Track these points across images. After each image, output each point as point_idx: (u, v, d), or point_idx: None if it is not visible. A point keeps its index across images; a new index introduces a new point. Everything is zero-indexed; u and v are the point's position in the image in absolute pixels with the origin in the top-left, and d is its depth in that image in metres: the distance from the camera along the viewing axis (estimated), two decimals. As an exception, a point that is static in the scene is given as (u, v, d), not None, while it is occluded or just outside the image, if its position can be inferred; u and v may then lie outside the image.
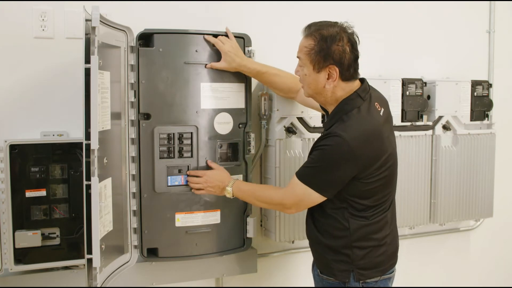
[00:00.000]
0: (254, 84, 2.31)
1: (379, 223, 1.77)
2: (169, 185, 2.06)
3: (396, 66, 2.71)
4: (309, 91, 1.79)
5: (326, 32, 1.67)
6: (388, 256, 1.81)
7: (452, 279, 3.03)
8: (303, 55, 1.73)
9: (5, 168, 1.91)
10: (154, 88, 2.00)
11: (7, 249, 1.93)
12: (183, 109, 2.03)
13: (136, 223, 2.05)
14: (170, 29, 2.08)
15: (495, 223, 3.00)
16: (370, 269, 1.77)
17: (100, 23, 1.72)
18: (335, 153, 1.65)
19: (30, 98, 2.08)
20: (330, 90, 1.72)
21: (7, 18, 2.03)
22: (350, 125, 1.67)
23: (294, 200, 1.77)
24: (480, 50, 2.99)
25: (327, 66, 1.68)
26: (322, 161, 1.69)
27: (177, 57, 2.01)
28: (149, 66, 1.99)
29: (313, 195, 1.71)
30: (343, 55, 1.66)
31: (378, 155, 1.70)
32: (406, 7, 2.74)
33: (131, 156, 2.02)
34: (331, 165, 1.67)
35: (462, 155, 2.69)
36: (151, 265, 2.18)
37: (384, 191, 1.76)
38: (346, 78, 1.71)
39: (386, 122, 1.78)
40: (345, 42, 1.67)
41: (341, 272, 1.77)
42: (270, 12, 2.44)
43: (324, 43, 1.67)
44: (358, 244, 1.75)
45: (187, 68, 2.02)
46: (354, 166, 1.66)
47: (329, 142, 1.66)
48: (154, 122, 2.01)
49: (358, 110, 1.70)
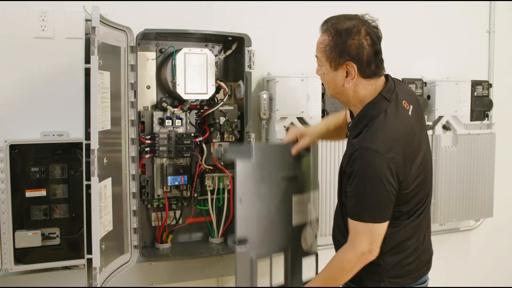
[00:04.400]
0: (254, 84, 2.31)
1: (413, 229, 1.65)
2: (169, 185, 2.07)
3: (396, 66, 2.70)
4: (330, 91, 1.67)
5: (342, 26, 1.55)
6: (421, 262, 1.69)
7: (452, 279, 3.03)
8: (320, 53, 1.61)
9: (5, 168, 1.91)
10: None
11: (7, 249, 1.93)
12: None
13: (136, 223, 2.05)
14: (170, 29, 2.09)
15: (495, 223, 2.99)
16: (401, 277, 1.65)
17: (100, 23, 1.72)
18: (375, 169, 1.50)
19: (30, 98, 2.08)
20: (351, 89, 1.59)
21: (7, 18, 2.03)
22: (379, 133, 1.53)
23: (368, 242, 1.56)
24: (480, 50, 2.99)
25: (344, 63, 1.55)
26: (364, 187, 1.53)
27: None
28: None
29: (379, 227, 1.55)
30: (360, 50, 1.53)
31: (414, 156, 1.57)
32: (406, 7, 2.74)
33: (131, 156, 2.02)
34: (377, 185, 1.51)
35: (462, 155, 2.69)
36: (151, 265, 2.18)
37: (420, 194, 1.63)
38: (367, 76, 1.57)
39: (417, 120, 1.65)
40: (362, 36, 1.53)
41: (372, 282, 1.65)
42: (271, 12, 2.44)
43: (339, 38, 1.54)
44: (391, 252, 1.63)
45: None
46: (395, 177, 1.51)
47: (363, 161, 1.51)
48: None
49: (385, 114, 1.56)
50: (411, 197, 1.61)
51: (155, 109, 2.16)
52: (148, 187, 2.15)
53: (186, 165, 2.17)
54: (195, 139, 2.20)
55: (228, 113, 2.20)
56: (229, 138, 2.25)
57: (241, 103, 2.23)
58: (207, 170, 2.24)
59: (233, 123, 2.22)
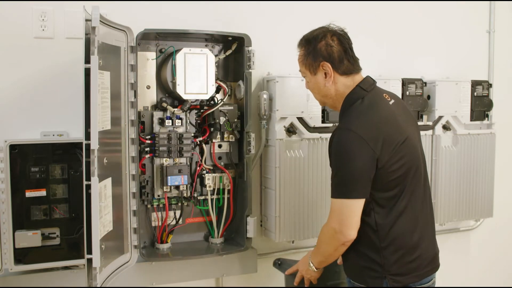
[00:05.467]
0: (254, 84, 2.31)
1: (409, 223, 1.67)
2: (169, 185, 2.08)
3: (396, 66, 2.71)
4: (318, 97, 1.81)
5: (310, 35, 1.75)
6: (423, 260, 1.70)
7: (452, 279, 3.03)
8: (300, 65, 1.79)
9: (5, 168, 1.91)
10: None
11: (7, 249, 1.92)
12: None
13: (136, 223, 2.05)
14: (170, 29, 2.09)
15: (495, 223, 2.99)
16: (403, 275, 1.66)
17: (100, 23, 1.72)
18: (345, 145, 1.60)
19: (30, 98, 2.08)
20: (333, 88, 1.72)
21: (7, 18, 2.03)
22: (355, 116, 1.65)
23: (337, 220, 1.63)
24: (480, 50, 2.99)
25: (319, 65, 1.71)
26: (338, 162, 1.63)
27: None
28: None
29: (348, 203, 1.62)
30: (329, 49, 1.69)
31: (392, 138, 1.62)
32: (406, 7, 2.74)
33: (131, 156, 2.02)
34: (347, 160, 1.60)
35: (462, 155, 2.69)
36: (151, 265, 2.18)
37: (406, 181, 1.66)
38: (344, 72, 1.71)
39: (401, 111, 1.73)
40: (328, 38, 1.71)
41: (373, 279, 1.68)
42: (271, 13, 2.44)
43: (310, 45, 1.73)
44: (389, 249, 1.66)
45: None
46: (369, 150, 1.58)
47: (336, 138, 1.64)
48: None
49: (362, 101, 1.68)
50: (394, 182, 1.64)
51: (155, 109, 2.16)
52: (148, 187, 2.15)
53: (186, 165, 2.17)
54: (195, 139, 2.20)
55: (228, 113, 2.20)
56: (229, 138, 2.25)
57: (241, 103, 2.23)
58: (207, 170, 2.24)
59: (233, 123, 2.22)
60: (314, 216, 2.34)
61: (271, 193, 2.31)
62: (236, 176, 2.28)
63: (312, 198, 2.33)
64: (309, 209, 2.33)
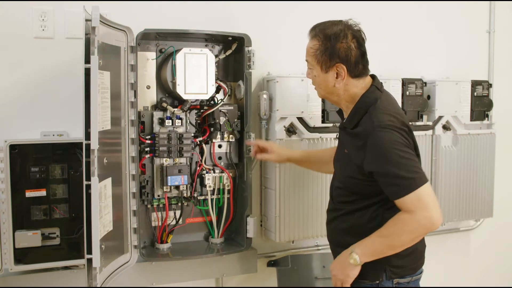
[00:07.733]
0: (254, 84, 2.31)
1: None
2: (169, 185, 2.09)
3: (396, 66, 2.71)
4: (321, 92, 1.80)
5: (330, 31, 1.68)
6: (419, 253, 1.77)
7: (452, 279, 3.03)
8: (310, 57, 1.74)
9: (5, 168, 1.91)
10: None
11: (7, 249, 1.92)
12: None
13: (136, 223, 2.05)
14: (170, 29, 2.09)
15: (495, 223, 2.99)
16: (402, 267, 1.72)
17: (100, 23, 1.72)
18: (395, 142, 1.59)
19: (30, 98, 2.08)
20: (342, 88, 1.72)
21: (7, 18, 2.03)
22: (382, 112, 1.65)
23: (425, 209, 1.57)
24: (480, 50, 2.99)
25: (334, 65, 1.68)
26: (393, 161, 1.58)
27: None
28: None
29: (424, 190, 1.57)
30: (348, 52, 1.67)
31: (411, 131, 1.69)
32: (406, 7, 2.74)
33: (131, 156, 2.02)
34: (403, 156, 1.58)
35: (462, 155, 2.69)
36: (151, 265, 2.18)
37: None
38: (356, 75, 1.70)
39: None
40: (349, 39, 1.67)
41: (374, 271, 1.71)
42: (271, 13, 2.44)
43: (328, 42, 1.67)
44: None
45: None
46: (408, 140, 1.64)
47: (383, 137, 1.59)
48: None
49: (380, 100, 1.70)
50: None
51: (155, 109, 2.16)
52: (148, 187, 2.15)
53: (186, 165, 2.17)
54: (195, 139, 2.20)
55: (228, 113, 2.20)
56: (229, 138, 2.25)
57: (241, 103, 2.23)
58: (207, 170, 2.24)
59: (233, 123, 2.22)
60: (314, 216, 2.34)
61: (271, 193, 2.31)
62: (236, 176, 2.29)
63: (312, 198, 2.33)
64: (309, 209, 2.33)
